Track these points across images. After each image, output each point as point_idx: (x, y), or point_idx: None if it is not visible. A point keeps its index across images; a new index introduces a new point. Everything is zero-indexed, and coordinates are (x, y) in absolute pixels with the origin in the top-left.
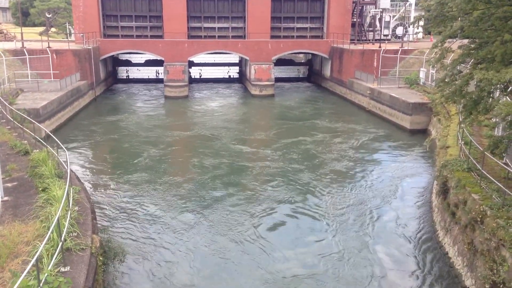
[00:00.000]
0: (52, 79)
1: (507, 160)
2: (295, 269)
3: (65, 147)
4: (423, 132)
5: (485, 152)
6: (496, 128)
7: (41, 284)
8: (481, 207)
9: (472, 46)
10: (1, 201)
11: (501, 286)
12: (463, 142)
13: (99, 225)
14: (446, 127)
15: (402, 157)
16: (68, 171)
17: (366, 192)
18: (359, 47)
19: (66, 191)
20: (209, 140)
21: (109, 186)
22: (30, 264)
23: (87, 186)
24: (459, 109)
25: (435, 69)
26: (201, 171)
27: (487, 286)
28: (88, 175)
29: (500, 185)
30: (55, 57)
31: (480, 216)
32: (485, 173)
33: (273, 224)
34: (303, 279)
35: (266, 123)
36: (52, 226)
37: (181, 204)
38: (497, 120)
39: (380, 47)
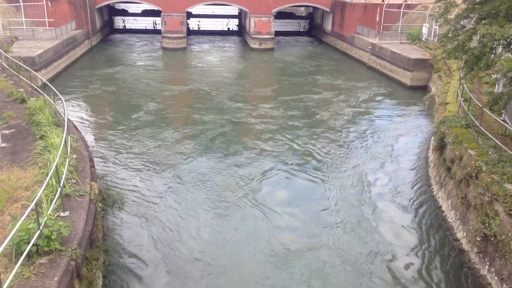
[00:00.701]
0: (47, 27)
1: (505, 117)
2: (292, 224)
3: (62, 97)
4: (423, 89)
5: (484, 109)
6: (496, 85)
7: (41, 227)
8: (476, 162)
9: (477, 0)
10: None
11: (492, 238)
12: (462, 99)
13: (97, 173)
14: (446, 84)
15: (401, 114)
16: (66, 118)
17: (363, 148)
18: (362, 0)
19: (63, 139)
20: (207, 95)
21: (107, 137)
22: (30, 208)
23: (85, 135)
24: (460, 65)
25: (438, 24)
26: (199, 126)
27: (478, 239)
28: (85, 125)
29: (497, 141)
30: (49, 4)
31: (475, 172)
32: (483, 129)
33: (271, 182)
34: (298, 233)
35: (265, 79)
36: (51, 172)
37: (178, 157)
38: (498, 76)
39: (383, 1)
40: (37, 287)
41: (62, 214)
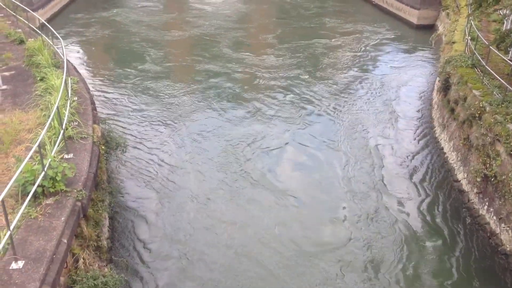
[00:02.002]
0: None
1: None
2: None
3: (60, 38)
4: (430, 28)
5: (491, 47)
6: (504, 22)
7: (45, 169)
8: (480, 103)
9: None
10: (0, 89)
11: (492, 179)
12: (469, 38)
13: (99, 116)
14: (454, 22)
15: (407, 56)
16: (65, 59)
17: (367, 90)
18: None
19: (63, 80)
20: (209, 41)
21: (108, 80)
22: (33, 149)
23: (86, 78)
24: (469, 1)
25: None
26: (201, 74)
27: (478, 180)
28: (85, 67)
29: (502, 81)
30: None
31: (478, 112)
32: (489, 69)
33: (274, 132)
34: (307, 171)
35: (269, 22)
36: (52, 113)
37: (180, 102)
38: (507, 12)
39: None
40: (45, 226)
41: (66, 156)
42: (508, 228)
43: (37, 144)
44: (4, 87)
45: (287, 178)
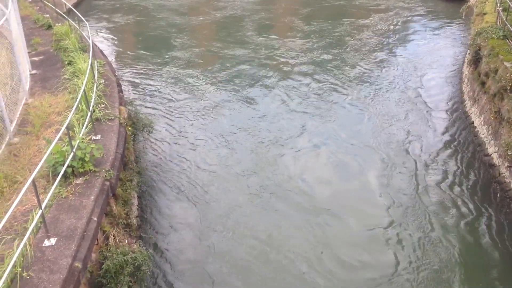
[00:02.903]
0: None
1: None
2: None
3: (86, 22)
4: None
5: None
6: None
7: (74, 150)
8: None
9: None
10: (30, 74)
11: None
12: (501, 8)
13: (126, 98)
14: None
15: (437, 28)
16: (90, 42)
17: (397, 68)
18: None
19: (89, 63)
20: (234, 24)
21: (133, 63)
22: (61, 131)
23: (112, 61)
24: None
25: None
26: (225, 59)
27: (509, 153)
28: (111, 51)
29: None
30: None
31: (510, 84)
32: None
33: (300, 129)
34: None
35: (294, 2)
36: (79, 96)
37: (207, 87)
38: None
39: None
40: (75, 205)
41: (93, 137)
42: None
43: (65, 126)
44: (34, 71)
45: (320, 186)
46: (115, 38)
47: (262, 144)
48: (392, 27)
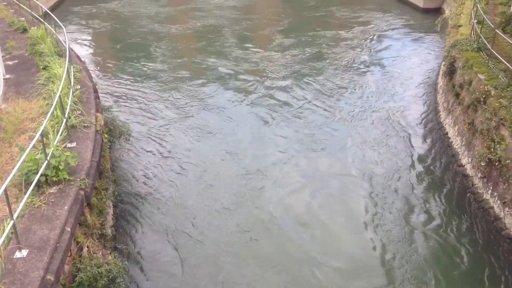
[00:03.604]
0: None
1: None
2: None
3: (63, 26)
4: (437, 11)
5: (497, 30)
6: (511, 5)
7: (48, 158)
8: (485, 87)
9: None
10: (3, 78)
11: (496, 163)
12: (475, 21)
13: (102, 105)
14: (461, 5)
15: (413, 40)
16: (67, 47)
17: (372, 74)
18: None
19: (66, 68)
20: (213, 33)
21: (111, 69)
22: (35, 138)
23: (89, 66)
24: None
25: None
26: (203, 66)
27: (482, 164)
28: (89, 56)
29: (508, 64)
30: None
31: (483, 96)
32: (495, 52)
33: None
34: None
35: (274, 13)
36: (54, 102)
37: (183, 91)
38: None
39: None
40: (48, 215)
41: (69, 145)
42: None
43: (39, 133)
44: (8, 76)
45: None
46: (93, 44)
47: (243, 169)
48: (370, 39)
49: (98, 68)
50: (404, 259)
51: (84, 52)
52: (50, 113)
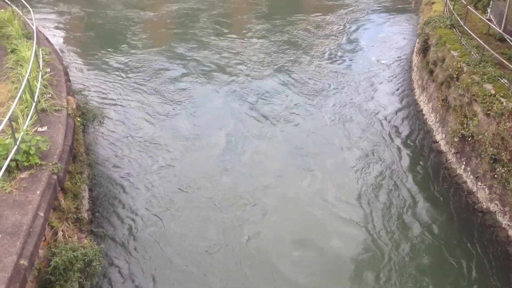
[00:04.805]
0: None
1: (490, 16)
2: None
3: (30, 7)
4: None
5: (469, 7)
6: None
7: (17, 143)
8: (458, 63)
9: None
10: None
11: (469, 139)
12: None
13: (74, 88)
14: None
15: (387, 18)
16: (34, 29)
17: (347, 55)
18: None
19: (33, 51)
20: (189, 20)
21: (82, 52)
22: (3, 123)
23: (59, 49)
24: None
25: None
26: (177, 51)
27: (455, 139)
28: (59, 39)
29: (480, 41)
30: None
31: (456, 73)
32: (467, 29)
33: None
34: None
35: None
36: (23, 86)
37: (157, 73)
38: None
39: None
40: (20, 200)
41: (40, 129)
42: (484, 186)
43: (7, 117)
44: None
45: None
46: (63, 27)
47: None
48: (346, 20)
49: (69, 51)
50: (378, 232)
51: (54, 35)
52: (18, 97)
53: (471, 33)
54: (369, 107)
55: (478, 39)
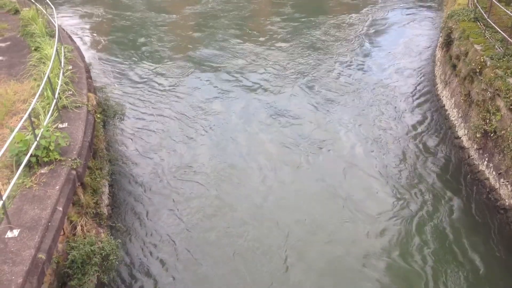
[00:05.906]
0: None
1: None
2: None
3: (52, 6)
4: None
5: (493, 0)
6: None
7: (37, 138)
8: (481, 57)
9: None
10: None
11: (491, 134)
12: None
13: (95, 85)
14: None
15: (412, 12)
16: (56, 27)
17: (372, 49)
18: None
19: (55, 49)
20: (212, 22)
21: (103, 50)
22: (23, 119)
23: (81, 47)
24: None
25: None
26: (197, 51)
27: (478, 135)
28: (82, 37)
29: (504, 34)
30: None
31: (479, 67)
32: (491, 22)
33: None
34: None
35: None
36: (43, 83)
37: (178, 73)
38: None
39: None
40: (39, 195)
41: (60, 125)
42: (507, 183)
43: (27, 114)
44: (0, 58)
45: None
46: (86, 27)
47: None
48: (372, 20)
49: (92, 49)
50: (398, 228)
51: (77, 33)
52: (38, 93)
53: (495, 26)
54: (390, 101)
55: (502, 33)
